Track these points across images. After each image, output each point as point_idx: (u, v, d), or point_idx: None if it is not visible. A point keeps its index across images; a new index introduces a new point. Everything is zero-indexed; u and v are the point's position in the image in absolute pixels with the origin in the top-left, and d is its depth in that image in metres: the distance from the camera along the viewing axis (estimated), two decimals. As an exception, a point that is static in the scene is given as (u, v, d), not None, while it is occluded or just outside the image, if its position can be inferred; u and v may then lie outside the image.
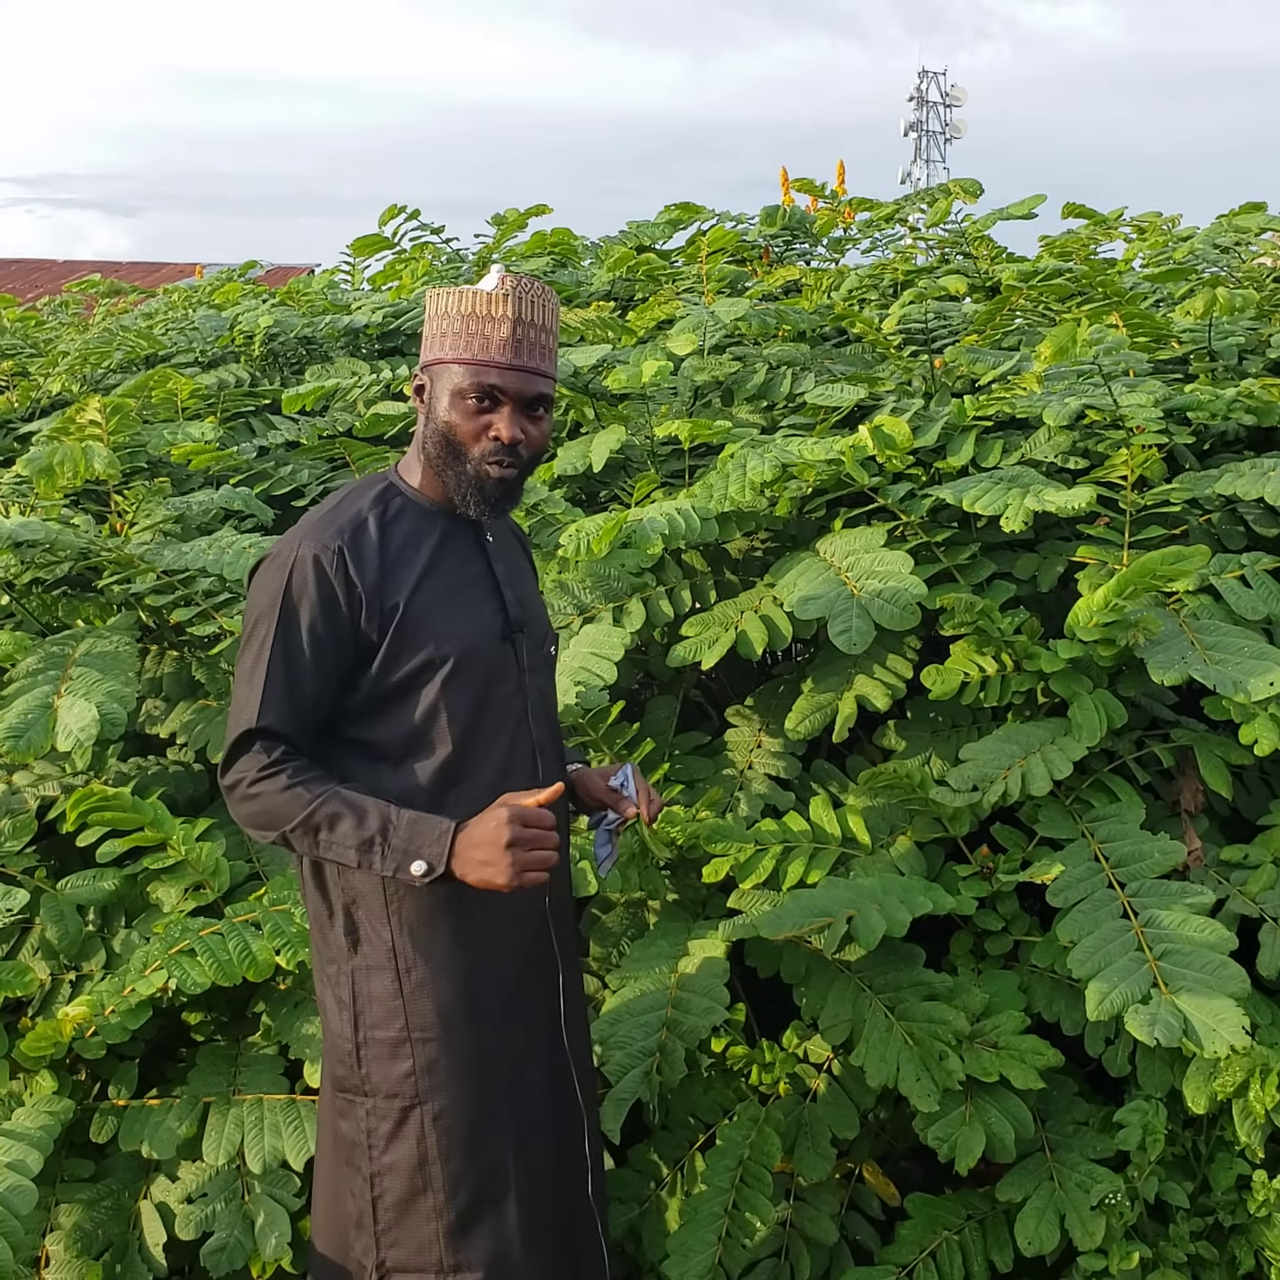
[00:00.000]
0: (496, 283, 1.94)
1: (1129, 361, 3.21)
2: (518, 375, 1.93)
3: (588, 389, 3.70)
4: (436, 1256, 1.94)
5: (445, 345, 1.95)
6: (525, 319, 1.94)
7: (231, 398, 4.00)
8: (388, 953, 1.93)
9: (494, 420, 1.94)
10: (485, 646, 1.99)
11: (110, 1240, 2.46)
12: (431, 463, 1.99)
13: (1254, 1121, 2.30)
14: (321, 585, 1.88)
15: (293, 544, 1.92)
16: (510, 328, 1.92)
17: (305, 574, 1.89)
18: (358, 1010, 1.94)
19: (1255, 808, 2.80)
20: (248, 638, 1.92)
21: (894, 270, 4.42)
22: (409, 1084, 1.93)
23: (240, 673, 1.91)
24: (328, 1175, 2.05)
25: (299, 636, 1.88)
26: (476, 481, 1.95)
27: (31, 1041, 2.40)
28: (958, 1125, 2.36)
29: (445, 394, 1.94)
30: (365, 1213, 1.96)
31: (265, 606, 1.90)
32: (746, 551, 3.30)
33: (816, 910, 2.43)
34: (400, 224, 4.66)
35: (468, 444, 1.94)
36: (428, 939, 1.93)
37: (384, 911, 1.93)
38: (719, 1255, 2.38)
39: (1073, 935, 2.37)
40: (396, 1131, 1.93)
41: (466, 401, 1.93)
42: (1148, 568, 2.54)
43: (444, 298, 1.97)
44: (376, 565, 1.92)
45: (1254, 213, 4.43)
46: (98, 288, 6.05)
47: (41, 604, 3.26)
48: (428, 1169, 1.93)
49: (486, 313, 1.92)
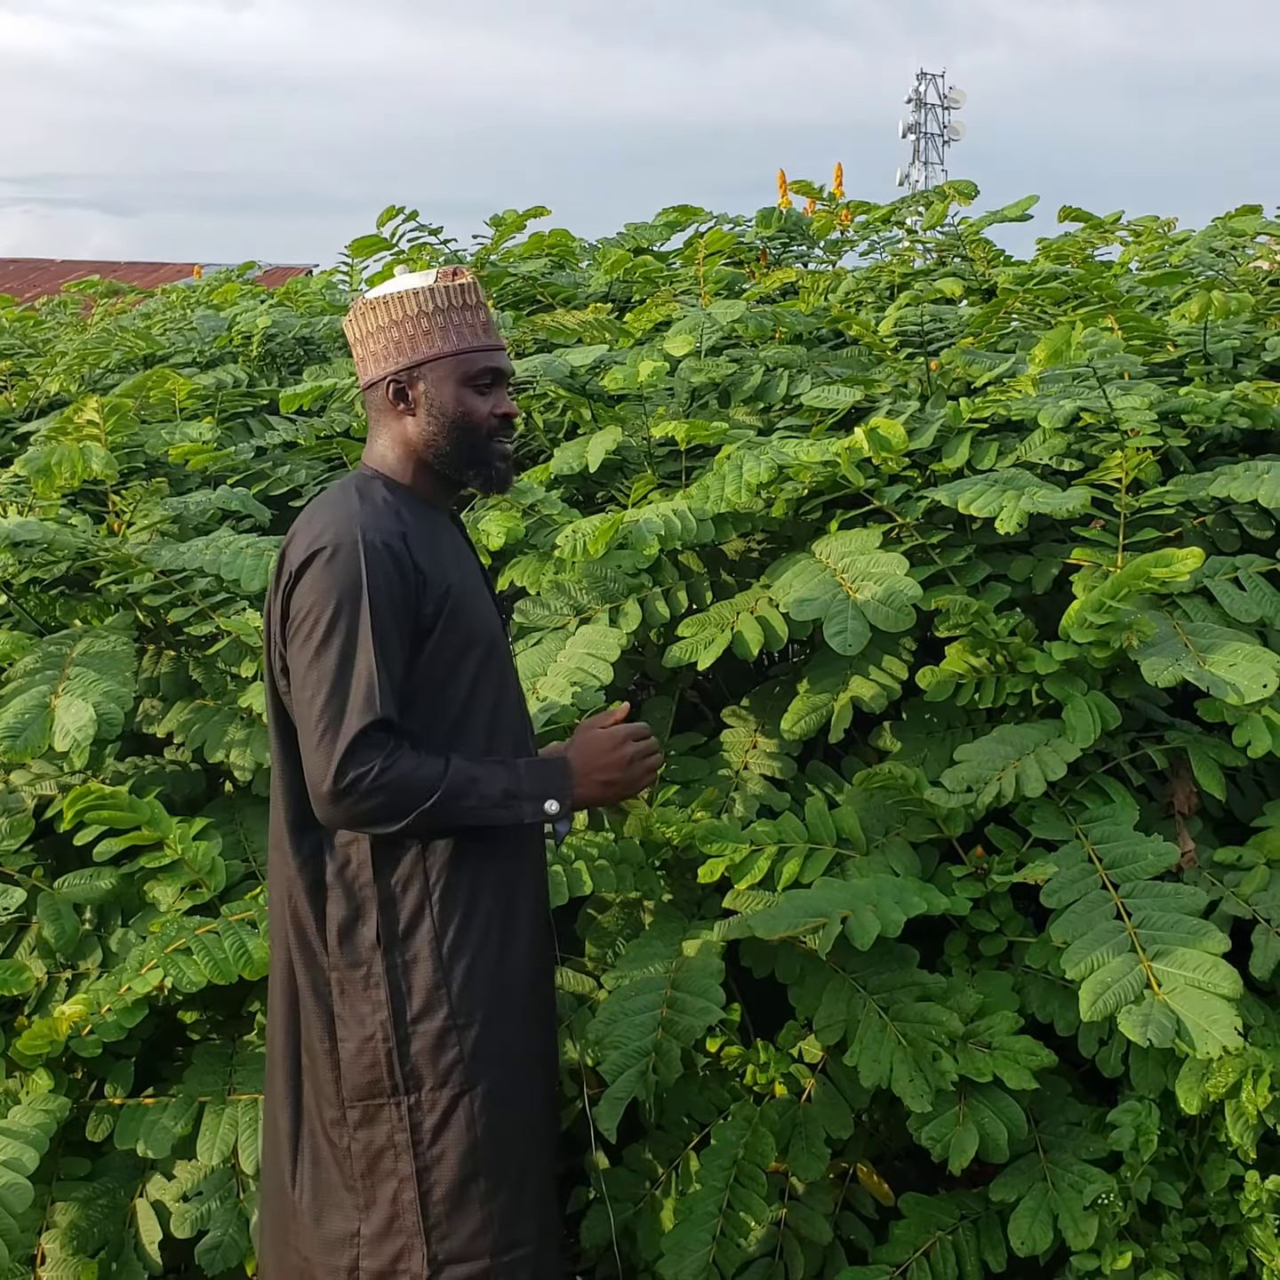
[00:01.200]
0: (437, 276, 2.02)
1: (1124, 364, 3.22)
2: (503, 355, 2.08)
3: (585, 390, 3.71)
4: (491, 1240, 1.96)
5: (433, 341, 2.00)
6: (485, 303, 2.07)
7: (229, 398, 4.00)
8: (430, 943, 1.95)
9: (495, 400, 2.05)
10: (497, 632, 2.10)
11: (106, 1238, 2.46)
12: (439, 456, 2.03)
13: (1246, 1122, 2.31)
14: (399, 568, 1.91)
15: (353, 533, 1.91)
16: (485, 313, 2.06)
17: (382, 560, 1.90)
18: (396, 1007, 1.94)
19: (1248, 809, 2.81)
20: (328, 631, 1.88)
21: (891, 273, 4.43)
22: (458, 1071, 1.95)
23: (327, 667, 1.87)
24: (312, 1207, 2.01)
25: (389, 622, 1.89)
26: (488, 461, 2.05)
27: (28, 1040, 2.41)
28: (951, 1125, 2.36)
29: (452, 384, 2.01)
30: (403, 1214, 1.95)
31: (344, 596, 1.88)
32: (743, 553, 3.30)
33: (811, 911, 2.44)
34: (398, 225, 4.66)
35: (483, 425, 2.03)
36: (468, 924, 1.97)
37: (425, 901, 1.95)
38: (713, 1255, 2.39)
39: (1066, 936, 2.38)
40: (445, 1121, 1.95)
41: (476, 386, 2.02)
42: (1142, 570, 2.55)
43: (405, 301, 2.01)
44: (425, 552, 1.96)
45: (1250, 216, 4.45)
46: (96, 288, 6.05)
47: (39, 604, 3.26)
48: (480, 1153, 1.96)
49: (462, 303, 2.03)
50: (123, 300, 6.12)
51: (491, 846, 2.00)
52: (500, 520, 3.01)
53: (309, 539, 1.94)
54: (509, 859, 2.04)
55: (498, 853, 2.01)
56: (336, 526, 1.92)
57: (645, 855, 2.74)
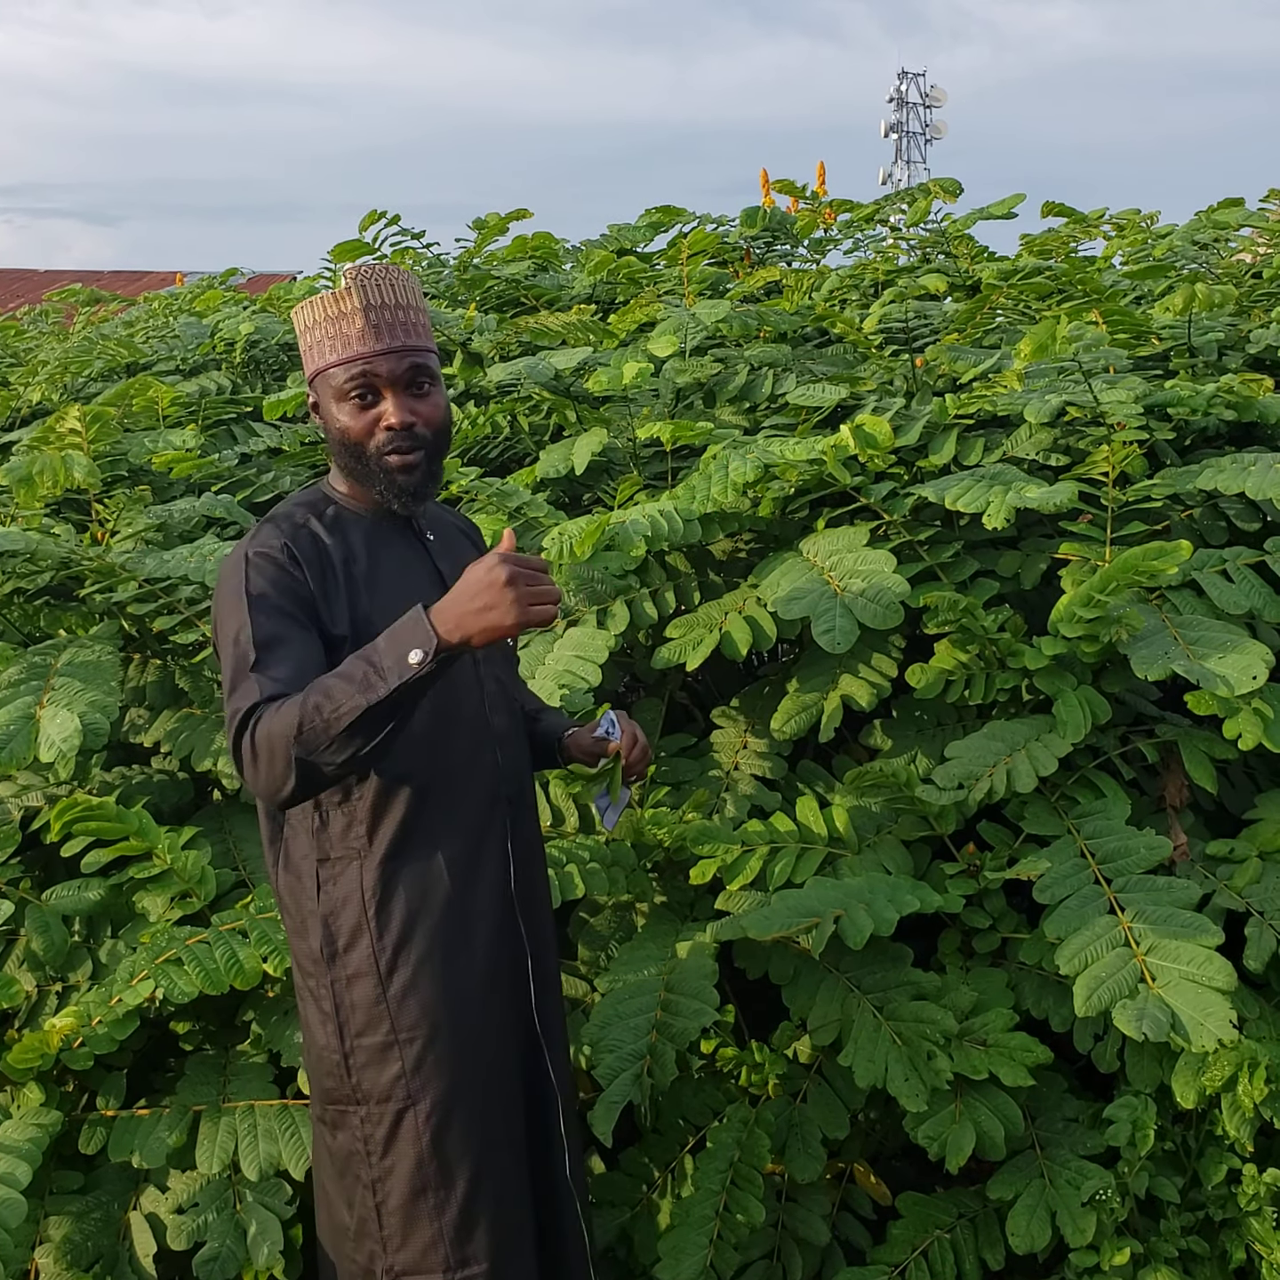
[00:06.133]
0: (344, 282, 1.97)
1: (1109, 358, 3.22)
2: (385, 359, 1.95)
3: (569, 392, 3.70)
4: (442, 1255, 1.94)
5: (316, 355, 1.98)
6: (375, 303, 1.96)
7: (213, 405, 3.99)
8: (368, 959, 1.93)
9: (381, 411, 1.95)
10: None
11: (100, 1252, 2.44)
12: (345, 471, 2.01)
13: (1243, 1115, 2.31)
14: (277, 571, 1.89)
15: (239, 550, 1.94)
16: (363, 316, 1.95)
17: (259, 566, 1.89)
18: (341, 1020, 1.94)
19: (1240, 802, 2.81)
20: (223, 641, 1.89)
21: (875, 270, 4.43)
22: (400, 1086, 1.93)
23: (226, 671, 1.87)
24: (324, 1189, 2.06)
25: (272, 615, 1.87)
26: (385, 476, 1.96)
27: (18, 1054, 2.39)
28: (948, 1124, 2.36)
29: (331, 401, 1.97)
30: (368, 1220, 1.96)
31: (229, 606, 1.89)
32: (730, 552, 3.30)
33: (804, 910, 2.43)
34: (381, 229, 4.65)
35: (364, 441, 1.96)
36: (407, 940, 1.93)
37: (362, 918, 1.93)
38: (710, 1257, 2.38)
39: (1060, 932, 2.37)
40: (393, 1135, 1.93)
41: (350, 401, 1.95)
42: (1130, 563, 2.55)
43: (304, 312, 2.00)
44: (319, 566, 1.93)
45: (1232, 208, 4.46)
46: (78, 297, 6.03)
47: (23, 614, 3.24)
48: (426, 1169, 1.93)
49: (338, 311, 1.96)
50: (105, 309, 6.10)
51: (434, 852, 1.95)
52: (486, 523, 3.00)
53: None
54: (461, 865, 1.98)
55: (445, 859, 1.97)
56: (236, 548, 1.96)
57: (637, 857, 2.74)
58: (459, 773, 1.99)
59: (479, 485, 3.14)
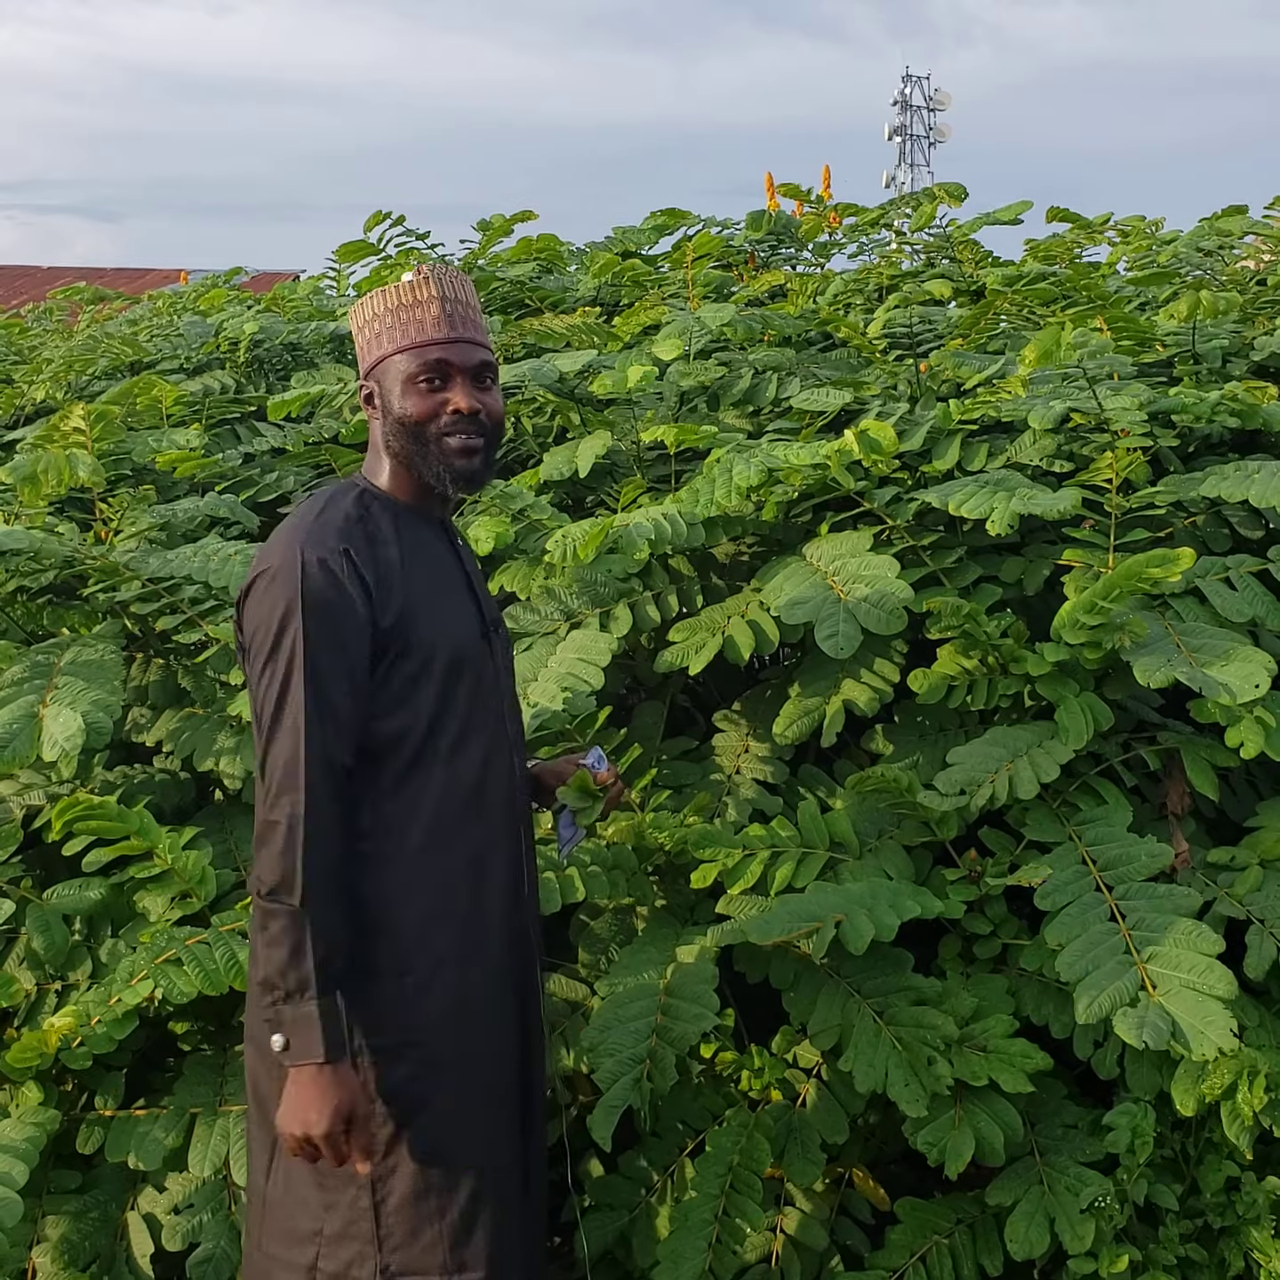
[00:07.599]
0: (413, 275, 2.01)
1: (1113, 365, 3.22)
2: (458, 347, 1.99)
3: (573, 394, 3.70)
4: (441, 1258, 1.93)
5: (383, 342, 1.99)
6: (450, 296, 2.01)
7: (216, 404, 3.99)
8: (387, 958, 1.92)
9: (448, 396, 1.97)
10: (471, 646, 2.02)
11: (97, 1252, 2.45)
12: (399, 458, 2.00)
13: (1242, 1123, 2.30)
14: (339, 588, 1.86)
15: (291, 552, 1.88)
16: (439, 305, 1.99)
17: (318, 580, 1.86)
18: (349, 1023, 1.93)
19: (1242, 810, 2.81)
20: (269, 658, 1.86)
21: (879, 275, 4.43)
22: (410, 1085, 1.93)
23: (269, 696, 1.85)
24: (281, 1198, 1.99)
25: (329, 646, 1.85)
26: (444, 458, 1.98)
27: (17, 1053, 2.39)
28: (947, 1129, 2.36)
29: (396, 385, 1.98)
30: (359, 1220, 1.94)
31: (281, 621, 1.85)
32: (733, 556, 3.30)
33: (805, 915, 2.43)
34: (385, 230, 4.65)
35: (427, 424, 1.97)
36: (423, 942, 1.94)
37: (380, 918, 1.92)
38: (709, 1262, 2.38)
39: (1061, 938, 2.37)
40: (398, 1134, 1.93)
41: (418, 384, 1.97)
42: (1133, 570, 2.55)
43: (368, 303, 2.02)
44: (374, 565, 1.92)
45: (1236, 216, 4.46)
46: (82, 294, 6.03)
47: (26, 612, 3.24)
48: (429, 1170, 1.93)
49: (413, 300, 1.99)
50: (109, 307, 6.10)
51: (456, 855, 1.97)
52: (489, 525, 3.00)
53: (259, 558, 1.94)
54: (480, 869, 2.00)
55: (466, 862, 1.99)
56: (281, 545, 1.91)
57: (638, 861, 2.73)
58: (479, 776, 2.00)
59: (482, 487, 3.14)
